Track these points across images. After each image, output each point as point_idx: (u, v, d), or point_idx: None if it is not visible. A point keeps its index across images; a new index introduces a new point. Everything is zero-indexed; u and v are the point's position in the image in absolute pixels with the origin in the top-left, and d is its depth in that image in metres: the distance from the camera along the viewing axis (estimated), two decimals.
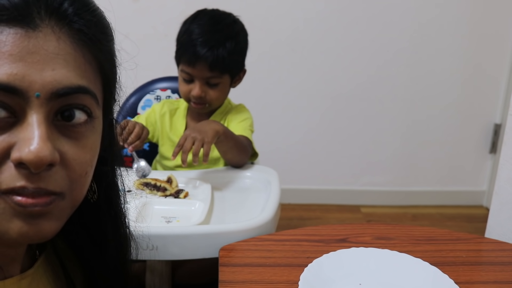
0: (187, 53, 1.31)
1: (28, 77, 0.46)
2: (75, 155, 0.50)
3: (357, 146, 2.61)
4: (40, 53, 0.47)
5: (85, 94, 0.51)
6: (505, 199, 1.06)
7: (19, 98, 0.46)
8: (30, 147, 0.46)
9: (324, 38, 2.43)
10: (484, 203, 2.72)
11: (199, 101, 1.35)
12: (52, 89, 0.47)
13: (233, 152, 1.29)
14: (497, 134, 2.60)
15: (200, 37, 1.29)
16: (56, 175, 0.49)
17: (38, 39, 0.47)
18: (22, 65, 0.46)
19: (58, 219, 0.51)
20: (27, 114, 0.47)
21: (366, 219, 2.55)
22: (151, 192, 1.15)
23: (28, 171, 0.47)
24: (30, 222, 0.48)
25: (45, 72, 0.47)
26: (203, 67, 1.29)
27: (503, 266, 0.88)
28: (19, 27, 0.46)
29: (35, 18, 0.47)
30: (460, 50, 2.49)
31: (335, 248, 0.86)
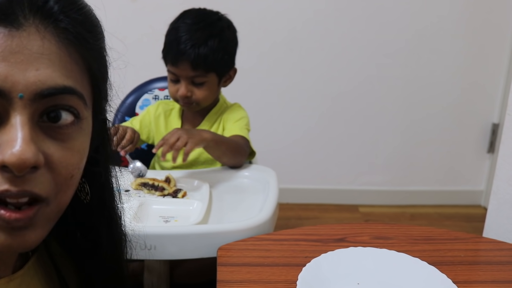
0: (171, 52, 1.31)
1: (11, 77, 0.45)
2: (61, 158, 0.49)
3: (355, 146, 2.62)
4: (23, 52, 0.45)
5: (71, 94, 0.49)
6: (503, 198, 1.06)
7: (2, 99, 0.45)
8: (13, 149, 0.44)
9: (322, 38, 2.43)
10: (482, 202, 2.72)
11: (186, 101, 1.34)
12: (36, 90, 0.46)
13: (227, 156, 1.29)
14: (495, 134, 2.61)
15: (182, 36, 1.29)
16: (41, 177, 0.47)
17: (21, 38, 0.45)
18: (4, 65, 0.44)
19: (43, 228, 0.50)
20: (10, 115, 0.46)
21: (364, 219, 2.56)
22: (149, 192, 1.15)
23: (11, 175, 0.45)
24: (13, 234, 0.47)
25: (29, 72, 0.45)
26: (186, 66, 1.29)
27: (501, 265, 0.88)
28: (2, 27, 0.44)
29: (19, 17, 0.45)
30: (458, 50, 2.49)
31: (333, 247, 0.86)
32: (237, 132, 1.35)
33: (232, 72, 1.40)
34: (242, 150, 1.31)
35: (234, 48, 1.38)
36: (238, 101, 1.50)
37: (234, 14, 1.47)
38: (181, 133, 1.16)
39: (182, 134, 1.16)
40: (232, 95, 1.53)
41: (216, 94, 1.41)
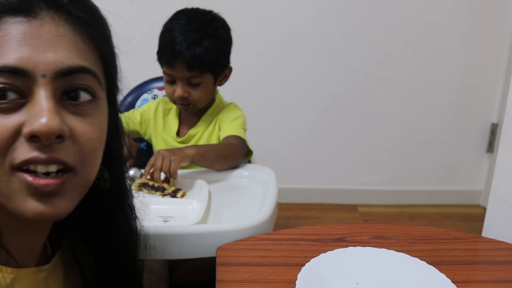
0: (166, 54, 1.30)
1: (33, 59, 0.51)
2: (83, 131, 0.54)
3: (354, 146, 2.62)
4: (42, 37, 0.52)
5: (87, 73, 0.55)
6: (502, 198, 1.06)
7: (26, 79, 0.51)
8: (40, 119, 0.50)
9: (322, 38, 2.44)
10: (481, 202, 2.72)
11: (183, 102, 1.34)
12: (56, 69, 0.52)
13: (218, 164, 1.28)
14: (494, 134, 2.61)
15: (177, 37, 1.28)
16: (67, 147, 0.52)
17: (39, 26, 0.52)
18: (27, 49, 0.51)
19: (71, 198, 0.55)
20: (35, 92, 0.52)
21: (363, 219, 2.56)
22: (149, 192, 1.15)
23: (39, 144, 0.51)
24: (44, 201, 0.52)
25: (48, 54, 0.52)
26: (182, 67, 1.29)
27: (500, 265, 0.88)
28: (22, 16, 0.52)
29: (36, 8, 0.52)
30: (457, 50, 2.50)
31: (332, 247, 0.86)
32: (232, 132, 1.35)
33: (227, 71, 1.40)
34: (234, 152, 1.30)
35: (229, 47, 1.38)
36: (237, 101, 1.49)
37: (233, 14, 1.47)
38: (164, 154, 1.15)
39: (165, 155, 1.15)
40: (231, 95, 1.52)
41: (213, 93, 1.40)
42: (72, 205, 0.55)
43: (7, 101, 0.51)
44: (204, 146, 1.30)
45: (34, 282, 0.61)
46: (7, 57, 0.51)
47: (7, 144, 0.51)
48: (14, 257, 0.58)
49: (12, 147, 0.51)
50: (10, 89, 0.51)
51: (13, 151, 0.51)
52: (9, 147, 0.51)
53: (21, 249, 0.60)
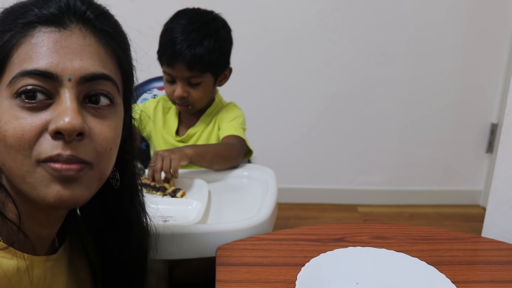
0: (166, 53, 1.30)
1: (62, 64, 0.58)
2: (101, 131, 0.61)
3: (354, 146, 2.62)
4: (70, 47, 0.59)
5: (108, 80, 0.62)
6: (502, 198, 1.06)
7: (54, 82, 0.58)
8: (65, 118, 0.57)
9: (321, 38, 2.44)
10: (480, 202, 2.72)
11: (182, 102, 1.34)
12: (81, 74, 0.59)
13: (216, 164, 1.28)
14: (494, 134, 2.61)
15: (177, 37, 1.29)
16: (85, 146, 0.59)
17: (68, 36, 0.60)
18: (56, 56, 0.58)
19: (88, 187, 0.61)
20: (61, 94, 0.59)
21: (363, 219, 2.56)
22: (149, 192, 1.15)
23: (62, 141, 0.57)
24: (65, 186, 0.58)
25: (75, 61, 0.59)
26: (182, 67, 1.29)
27: (499, 265, 0.88)
28: (54, 27, 0.59)
29: (66, 21, 0.60)
30: (457, 50, 2.50)
31: (332, 247, 0.86)
32: (232, 132, 1.35)
33: (227, 72, 1.40)
34: (233, 152, 1.30)
35: (229, 48, 1.38)
36: (237, 101, 1.49)
37: (233, 14, 1.47)
38: (163, 154, 1.16)
39: (164, 155, 1.16)
40: (231, 95, 1.52)
41: (212, 94, 1.40)
42: (88, 194, 0.62)
43: (36, 101, 0.58)
44: (203, 146, 1.30)
45: (43, 270, 0.66)
46: (38, 62, 0.58)
47: (34, 139, 0.57)
48: (32, 243, 0.63)
49: (38, 142, 0.58)
50: (39, 90, 0.58)
51: (39, 145, 0.57)
52: (36, 142, 0.58)
53: (37, 237, 0.65)
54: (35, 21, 0.59)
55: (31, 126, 0.57)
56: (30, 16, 0.60)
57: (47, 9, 0.60)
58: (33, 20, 0.60)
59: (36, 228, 0.65)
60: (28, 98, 0.58)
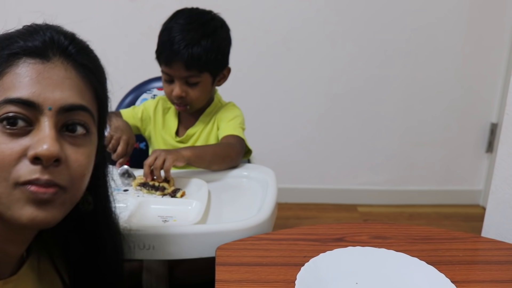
0: (164, 52, 1.30)
1: (43, 95, 0.62)
2: (75, 158, 0.65)
3: (354, 146, 2.62)
4: (52, 78, 0.63)
5: (85, 111, 0.66)
6: (502, 198, 1.06)
7: (35, 110, 0.62)
8: (44, 145, 0.60)
9: (322, 38, 2.44)
10: (480, 202, 2.73)
11: (180, 102, 1.34)
12: (61, 105, 0.63)
13: (215, 164, 1.28)
14: (494, 134, 2.61)
15: (175, 36, 1.28)
16: (61, 171, 0.63)
17: (51, 68, 0.64)
18: (39, 86, 0.62)
19: (60, 209, 0.64)
20: (41, 122, 0.62)
21: (362, 219, 2.56)
22: (149, 192, 1.15)
23: (40, 166, 0.61)
24: (39, 208, 0.61)
25: (56, 92, 0.63)
26: (180, 66, 1.28)
27: (499, 265, 0.89)
28: (38, 59, 0.63)
29: (49, 54, 0.64)
30: (457, 51, 2.50)
31: (331, 247, 0.86)
32: (231, 132, 1.34)
33: (226, 71, 1.40)
34: (232, 152, 1.30)
35: (228, 47, 1.38)
36: (237, 101, 1.49)
37: (233, 14, 1.47)
38: (160, 153, 1.16)
39: (161, 153, 1.16)
40: (231, 95, 1.52)
41: (210, 93, 1.40)
42: (59, 216, 0.65)
43: (17, 128, 0.61)
44: (201, 147, 1.30)
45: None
46: (21, 91, 0.61)
47: (13, 163, 0.61)
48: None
49: (17, 166, 0.61)
50: (21, 117, 0.61)
51: (18, 169, 0.61)
52: (14, 166, 0.61)
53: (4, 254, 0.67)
54: (20, 52, 0.63)
55: (11, 151, 0.60)
56: (15, 48, 0.63)
57: (32, 42, 0.64)
58: (19, 51, 0.63)
59: (4, 246, 0.66)
60: (9, 124, 0.61)
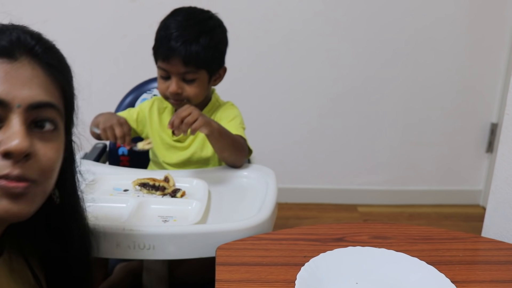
0: (162, 48, 1.30)
1: (12, 93, 0.64)
2: (45, 153, 0.67)
3: (353, 146, 2.62)
4: (19, 77, 0.65)
5: (52, 108, 0.69)
6: (502, 198, 1.06)
7: (4, 108, 0.64)
8: (14, 141, 0.63)
9: (322, 38, 2.44)
10: (480, 202, 2.73)
11: (176, 98, 1.33)
12: (29, 102, 0.66)
13: (228, 151, 1.28)
14: (494, 134, 2.61)
15: (174, 33, 1.29)
16: (31, 165, 0.65)
17: (19, 67, 0.66)
18: (7, 85, 0.64)
19: (33, 202, 0.67)
20: (10, 119, 0.64)
21: (362, 219, 2.56)
22: (149, 192, 1.15)
23: (11, 162, 0.63)
24: (13, 201, 0.64)
25: (24, 90, 0.65)
26: (178, 62, 1.28)
27: (499, 265, 0.89)
28: (5, 59, 0.65)
29: (16, 54, 0.66)
30: (457, 50, 2.50)
31: (332, 247, 0.86)
32: (234, 132, 1.34)
33: (222, 71, 1.40)
34: (243, 148, 1.31)
35: (225, 47, 1.38)
36: (237, 101, 1.49)
37: (233, 14, 1.47)
38: (193, 109, 1.17)
39: (194, 111, 1.17)
40: (231, 94, 1.52)
41: (206, 92, 1.39)
42: (32, 209, 0.67)
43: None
44: (225, 128, 1.30)
45: None
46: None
47: None
48: None
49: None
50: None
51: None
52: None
53: None
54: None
55: None
56: None
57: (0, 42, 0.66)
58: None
59: None
60: None
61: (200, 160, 1.40)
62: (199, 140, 1.40)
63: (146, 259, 1.18)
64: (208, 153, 1.39)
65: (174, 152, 1.41)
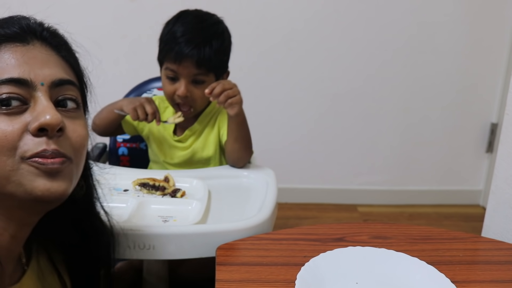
0: (173, 51, 1.29)
1: (33, 72, 0.65)
2: (74, 129, 0.68)
3: (354, 146, 2.62)
4: (37, 57, 0.67)
5: (73, 85, 0.70)
6: (502, 198, 1.06)
7: (28, 88, 0.65)
8: (46, 115, 0.63)
9: (322, 38, 2.44)
10: (480, 202, 2.72)
11: (184, 101, 1.33)
12: (51, 80, 0.67)
13: (241, 143, 1.29)
14: (494, 134, 2.61)
15: (186, 35, 1.28)
16: (64, 141, 0.66)
17: (32, 49, 0.68)
18: (27, 66, 0.65)
19: (69, 180, 0.67)
20: (36, 98, 0.65)
21: (363, 219, 2.56)
22: (149, 192, 1.15)
23: (45, 138, 0.63)
24: (51, 179, 0.63)
25: (44, 69, 0.67)
26: (190, 64, 1.28)
27: (499, 265, 0.89)
28: (19, 42, 0.67)
29: (28, 38, 0.68)
30: (457, 50, 2.50)
31: (332, 247, 0.86)
32: None
33: (225, 75, 1.40)
34: (251, 148, 1.32)
35: (230, 52, 1.39)
36: None
37: (233, 14, 1.47)
38: (235, 85, 1.24)
39: (235, 87, 1.24)
40: None
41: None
42: (70, 187, 0.67)
43: (12, 107, 0.63)
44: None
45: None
46: (11, 72, 0.64)
47: (17, 139, 0.62)
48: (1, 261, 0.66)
49: (21, 142, 0.62)
50: (14, 97, 0.63)
51: (23, 144, 0.62)
52: (18, 141, 0.62)
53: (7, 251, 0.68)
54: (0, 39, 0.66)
55: (12, 128, 0.62)
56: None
57: (11, 29, 0.68)
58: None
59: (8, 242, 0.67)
60: (4, 105, 0.63)
61: (201, 160, 1.40)
62: (200, 140, 1.40)
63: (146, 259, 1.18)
64: (209, 153, 1.39)
65: (175, 152, 1.41)
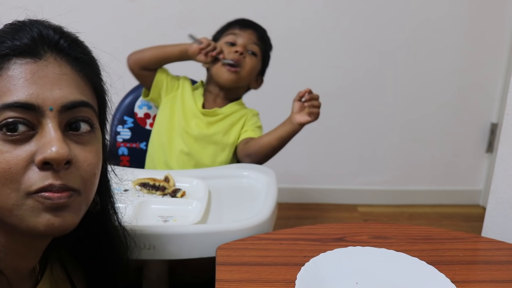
0: (241, 21, 1.49)
1: (42, 95, 0.59)
2: (84, 158, 0.62)
3: (354, 146, 2.62)
4: (48, 76, 0.60)
5: (87, 107, 0.63)
6: (502, 198, 1.06)
7: (36, 113, 0.58)
8: (52, 148, 0.57)
9: (321, 37, 2.43)
10: (480, 202, 2.72)
11: (238, 59, 1.42)
12: (62, 103, 0.60)
13: (272, 152, 1.45)
14: (494, 134, 2.61)
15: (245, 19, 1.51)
16: (72, 174, 0.60)
17: (44, 66, 0.60)
18: (35, 87, 0.58)
19: (76, 213, 0.62)
20: (43, 125, 0.59)
21: (363, 218, 2.56)
22: (149, 192, 1.15)
23: (51, 171, 0.58)
24: (56, 214, 0.59)
25: (54, 91, 0.60)
26: (252, 32, 1.47)
27: (499, 265, 0.89)
28: (29, 58, 0.60)
29: (40, 51, 0.61)
30: (457, 49, 2.50)
31: (332, 247, 0.86)
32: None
33: (260, 80, 1.59)
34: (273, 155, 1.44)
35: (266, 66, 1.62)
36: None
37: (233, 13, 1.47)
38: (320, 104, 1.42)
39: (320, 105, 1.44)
40: None
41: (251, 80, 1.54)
42: (77, 220, 0.62)
43: (18, 133, 0.58)
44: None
45: None
46: (18, 94, 0.58)
47: (22, 172, 0.57)
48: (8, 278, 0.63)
49: (26, 175, 0.58)
50: (21, 122, 0.58)
51: (28, 178, 0.58)
52: (23, 174, 0.57)
53: (14, 270, 0.65)
54: (9, 53, 0.59)
55: (17, 160, 0.57)
56: (3, 49, 0.59)
57: (20, 40, 0.60)
58: (7, 52, 0.59)
59: (15, 262, 0.64)
60: (10, 131, 0.57)
61: (218, 142, 1.44)
62: (224, 123, 1.46)
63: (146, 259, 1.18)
64: (229, 140, 1.45)
65: (198, 123, 1.45)
